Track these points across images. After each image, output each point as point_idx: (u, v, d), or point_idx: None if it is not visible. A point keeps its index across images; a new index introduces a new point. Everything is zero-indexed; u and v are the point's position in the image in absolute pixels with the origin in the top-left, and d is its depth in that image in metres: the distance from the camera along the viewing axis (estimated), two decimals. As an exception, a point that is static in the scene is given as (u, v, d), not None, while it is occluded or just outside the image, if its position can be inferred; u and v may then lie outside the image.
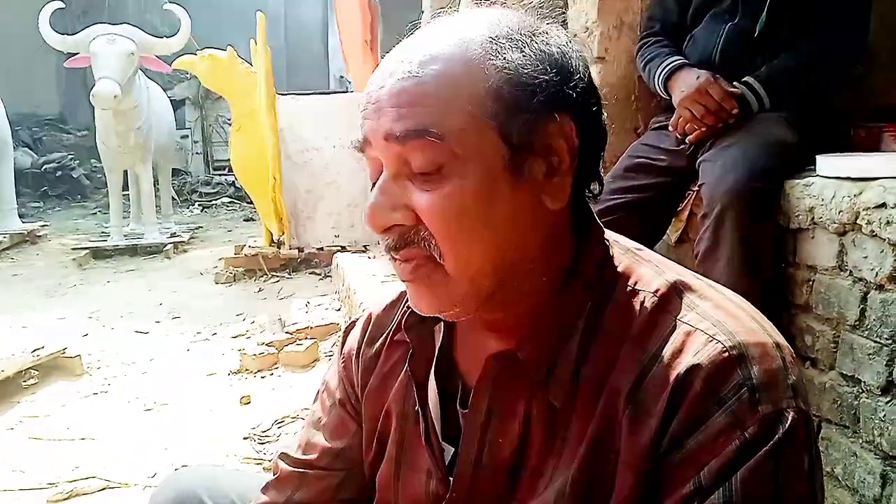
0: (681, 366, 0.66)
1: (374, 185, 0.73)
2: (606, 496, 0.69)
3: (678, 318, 0.70)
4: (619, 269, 0.76)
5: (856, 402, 1.55)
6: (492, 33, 0.71)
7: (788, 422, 0.64)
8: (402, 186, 0.70)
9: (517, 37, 0.71)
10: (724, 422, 0.64)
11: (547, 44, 0.72)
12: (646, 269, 0.76)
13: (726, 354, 0.66)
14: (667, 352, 0.68)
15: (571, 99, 0.72)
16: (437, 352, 0.84)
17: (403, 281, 0.74)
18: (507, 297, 0.72)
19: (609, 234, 0.79)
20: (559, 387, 0.71)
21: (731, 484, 0.62)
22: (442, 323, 0.84)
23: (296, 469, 0.94)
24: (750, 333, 0.68)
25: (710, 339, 0.67)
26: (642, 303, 0.72)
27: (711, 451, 0.64)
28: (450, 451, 0.81)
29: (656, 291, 0.73)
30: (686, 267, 0.78)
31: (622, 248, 0.78)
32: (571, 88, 0.72)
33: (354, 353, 0.93)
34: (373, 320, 0.93)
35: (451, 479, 0.79)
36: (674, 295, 0.73)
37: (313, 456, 0.94)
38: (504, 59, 0.69)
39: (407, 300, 0.88)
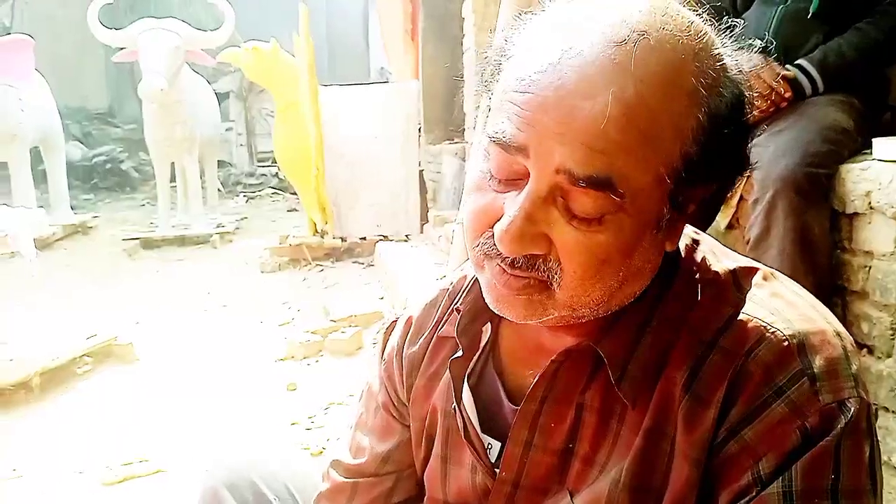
0: (739, 355, 0.65)
1: (497, 181, 0.66)
2: (661, 487, 0.68)
3: (736, 306, 0.69)
4: (680, 256, 0.74)
5: (914, 391, 1.52)
6: (698, 59, 0.62)
7: (850, 412, 0.62)
8: (546, 213, 0.62)
9: (714, 69, 0.63)
10: (784, 412, 0.62)
11: (732, 85, 0.65)
12: (703, 256, 0.74)
13: (785, 343, 0.64)
14: (724, 341, 0.67)
15: (743, 164, 0.67)
16: (479, 351, 0.83)
17: (505, 292, 0.67)
18: (601, 312, 0.69)
19: None
20: (632, 384, 0.69)
21: (791, 475, 0.61)
22: (489, 322, 0.83)
23: (348, 480, 0.94)
24: (809, 322, 0.66)
25: (769, 327, 0.66)
26: (700, 291, 0.71)
27: (770, 441, 0.62)
28: (496, 446, 0.80)
29: (714, 280, 0.71)
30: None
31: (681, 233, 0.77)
32: (741, 147, 0.66)
33: (395, 355, 0.92)
34: (413, 322, 0.92)
35: (497, 471, 0.79)
36: (731, 283, 0.71)
37: (363, 460, 0.93)
38: (706, 109, 0.62)
39: (453, 302, 0.87)
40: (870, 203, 1.62)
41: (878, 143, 1.66)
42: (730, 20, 0.67)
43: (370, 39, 12.68)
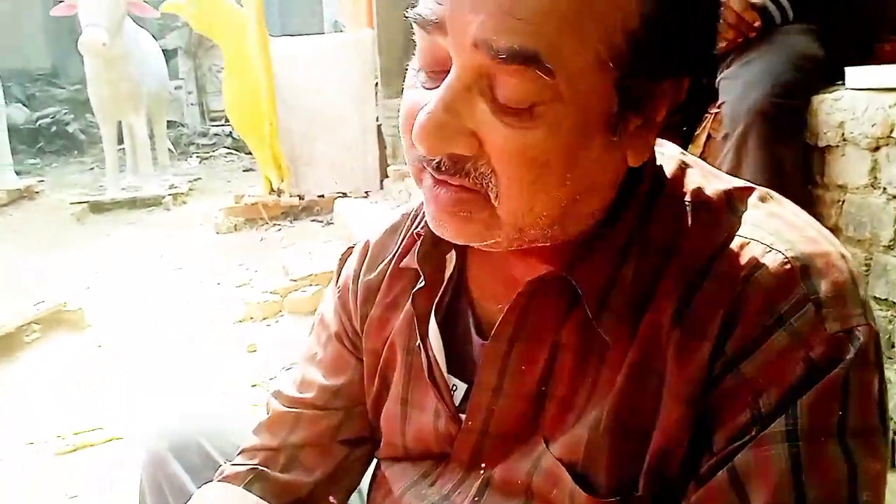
0: (735, 280, 0.58)
1: (424, 74, 0.58)
2: (648, 429, 0.61)
3: (731, 229, 0.61)
4: (666, 178, 0.66)
5: (890, 327, 1.48)
6: None
7: (859, 342, 0.56)
8: (471, 105, 0.55)
9: None
10: (786, 341, 0.56)
11: None
12: (693, 177, 0.66)
13: (787, 266, 0.57)
14: (718, 266, 0.59)
15: (706, 56, 0.59)
16: (444, 282, 0.75)
17: (434, 208, 0.60)
18: (556, 234, 0.61)
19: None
20: (612, 319, 0.62)
21: (794, 411, 0.55)
22: (453, 249, 0.74)
23: (291, 409, 0.85)
24: (812, 243, 0.59)
25: (768, 249, 0.59)
26: (690, 214, 0.63)
27: (771, 374, 0.56)
28: (462, 388, 0.73)
29: (706, 202, 0.64)
30: None
31: (668, 155, 0.68)
32: (709, 42, 0.58)
33: (351, 281, 0.84)
34: (371, 247, 0.84)
35: (462, 416, 0.71)
36: (725, 204, 0.64)
37: (310, 394, 0.85)
38: None
39: (414, 225, 0.79)
40: (843, 134, 1.57)
41: (850, 71, 1.61)
42: None
43: (323, -8, 12.33)
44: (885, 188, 1.48)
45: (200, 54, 11.15)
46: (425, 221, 0.73)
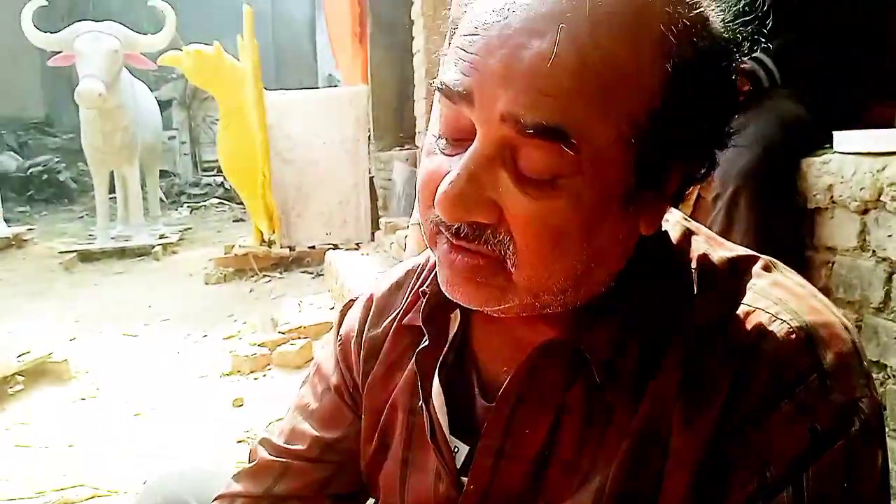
0: (741, 349, 0.58)
1: (445, 141, 0.59)
2: (652, 496, 0.60)
3: (736, 297, 0.62)
4: (672, 245, 0.67)
5: (882, 389, 1.47)
6: (669, 3, 0.55)
7: (863, 413, 0.56)
8: (493, 174, 0.55)
9: (689, 17, 0.55)
10: (792, 412, 0.56)
11: (712, 38, 0.56)
12: (698, 244, 0.67)
13: (793, 336, 0.58)
14: (724, 334, 0.60)
15: (721, 134, 0.59)
16: (449, 342, 0.74)
17: (450, 273, 0.60)
18: (568, 300, 0.61)
19: None
20: (621, 385, 0.62)
21: (801, 481, 0.55)
22: (458, 308, 0.74)
23: (278, 459, 0.83)
24: (816, 313, 0.60)
25: (773, 318, 0.59)
26: (696, 282, 0.64)
27: (778, 444, 0.56)
28: (464, 450, 0.72)
29: (711, 270, 0.64)
30: None
31: (672, 222, 0.69)
32: (724, 121, 0.59)
33: (355, 334, 0.83)
34: (375, 301, 0.83)
35: (463, 479, 0.70)
36: (729, 272, 0.64)
37: (301, 446, 0.83)
38: (675, 60, 0.54)
39: (419, 283, 0.79)
40: (832, 197, 1.58)
41: (839, 135, 1.63)
42: None
43: (318, 45, 12.54)
44: (874, 251, 1.49)
45: (195, 105, 11.28)
46: (430, 280, 0.73)
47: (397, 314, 0.80)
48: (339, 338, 0.85)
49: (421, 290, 0.75)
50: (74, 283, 5.62)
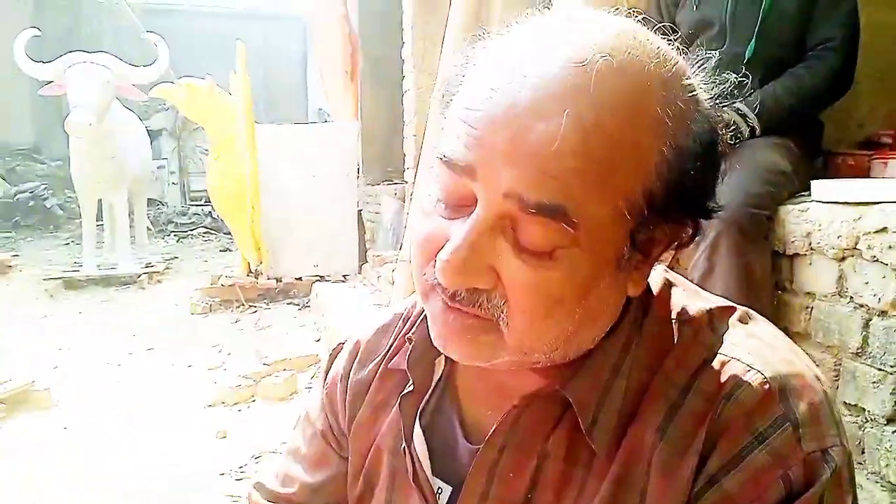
0: (717, 399, 0.61)
1: (445, 206, 0.61)
2: None
3: (712, 348, 0.64)
4: (653, 297, 0.70)
5: (860, 433, 1.51)
6: (666, 88, 0.57)
7: (834, 462, 0.59)
8: (493, 243, 0.57)
9: (684, 100, 0.58)
10: (766, 460, 0.58)
11: (703, 119, 0.59)
12: (678, 297, 0.70)
13: (766, 386, 0.60)
14: (700, 384, 0.62)
15: (709, 204, 0.62)
16: (432, 386, 0.77)
17: (444, 330, 0.62)
18: (557, 356, 0.64)
19: None
20: (603, 433, 0.64)
21: None
22: (443, 354, 0.77)
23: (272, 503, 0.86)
24: (789, 364, 0.63)
25: (748, 368, 0.62)
26: (674, 332, 0.67)
27: (752, 492, 0.58)
28: (447, 490, 0.73)
29: (689, 321, 0.67)
30: None
31: (653, 274, 0.71)
32: (712, 191, 0.61)
33: (340, 379, 0.85)
34: (362, 346, 0.85)
35: None
36: (707, 323, 0.67)
37: (292, 490, 0.86)
38: (671, 142, 0.57)
39: (405, 328, 0.81)
40: (810, 244, 1.63)
41: (816, 184, 1.68)
42: (705, 52, 0.63)
43: (309, 80, 12.67)
44: (851, 297, 1.53)
45: (185, 136, 11.32)
46: (417, 326, 0.76)
47: (383, 357, 0.82)
48: (325, 383, 0.87)
49: (407, 336, 0.77)
50: (58, 311, 5.58)
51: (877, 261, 1.45)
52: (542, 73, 0.56)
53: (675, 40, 0.62)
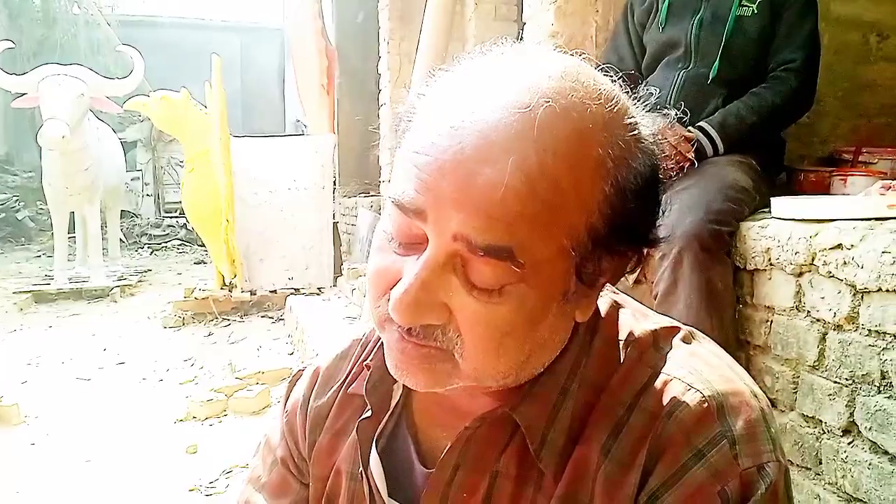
0: (659, 416, 0.63)
1: (398, 243, 0.62)
2: None
3: (655, 367, 0.67)
4: (601, 318, 0.72)
5: (817, 444, 1.54)
6: (607, 129, 0.60)
7: (769, 477, 0.61)
8: (444, 281, 0.59)
9: (625, 139, 0.61)
10: (703, 476, 0.60)
11: (645, 155, 0.62)
12: (625, 319, 0.72)
13: (705, 405, 0.62)
14: (643, 402, 0.64)
15: (651, 235, 0.65)
16: (389, 411, 0.79)
17: (401, 359, 0.64)
18: (509, 382, 0.66)
19: None
20: (551, 453, 0.66)
21: None
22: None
23: None
24: (727, 382, 0.65)
25: (688, 387, 0.64)
26: (619, 352, 0.69)
27: None
28: None
29: (635, 341, 0.70)
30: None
31: (602, 295, 0.73)
32: (654, 224, 0.64)
33: (300, 407, 0.86)
34: (321, 373, 0.87)
35: None
36: (651, 343, 0.69)
37: None
38: (613, 181, 0.59)
39: (363, 354, 0.82)
40: (769, 260, 1.67)
41: (776, 202, 1.72)
42: (645, 88, 0.66)
43: (286, 93, 12.65)
44: (808, 311, 1.56)
45: (159, 147, 11.25)
46: (374, 353, 0.78)
47: (342, 383, 0.83)
48: (285, 410, 0.88)
49: (365, 363, 0.79)
50: (28, 325, 5.51)
51: (832, 276, 1.48)
52: (487, 118, 0.58)
53: (618, 78, 0.65)
